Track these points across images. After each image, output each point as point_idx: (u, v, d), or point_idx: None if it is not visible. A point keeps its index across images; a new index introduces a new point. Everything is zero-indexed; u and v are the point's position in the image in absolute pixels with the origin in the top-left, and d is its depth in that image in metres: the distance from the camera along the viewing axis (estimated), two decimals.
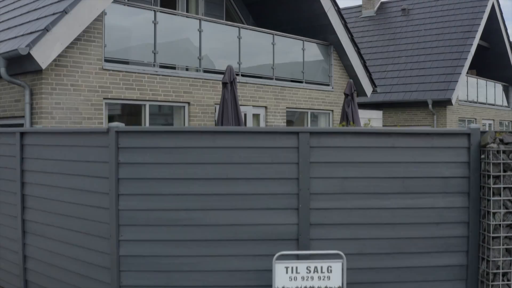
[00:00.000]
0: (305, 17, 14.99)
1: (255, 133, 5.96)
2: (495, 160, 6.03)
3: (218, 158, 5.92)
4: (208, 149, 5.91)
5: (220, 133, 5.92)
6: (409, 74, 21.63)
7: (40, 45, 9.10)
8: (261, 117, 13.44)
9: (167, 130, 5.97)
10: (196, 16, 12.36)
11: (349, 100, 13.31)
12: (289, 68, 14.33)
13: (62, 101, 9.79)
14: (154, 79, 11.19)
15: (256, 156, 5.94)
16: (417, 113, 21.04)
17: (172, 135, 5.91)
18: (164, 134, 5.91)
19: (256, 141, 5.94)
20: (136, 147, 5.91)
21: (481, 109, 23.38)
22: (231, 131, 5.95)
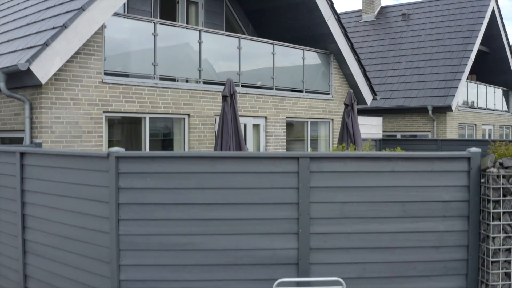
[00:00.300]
0: (305, 25, 14.98)
1: (255, 158, 5.96)
2: (495, 184, 6.03)
3: (218, 183, 5.93)
4: (208, 174, 5.92)
5: (220, 159, 5.92)
6: (409, 79, 21.63)
7: (39, 60, 9.09)
8: (261, 128, 13.44)
9: (167, 155, 5.97)
10: (196, 27, 12.35)
11: (349, 111, 13.32)
12: (289, 77, 14.32)
13: (62, 115, 9.79)
14: (154, 91, 11.19)
15: (256, 181, 5.95)
16: (417, 119, 21.04)
17: (172, 160, 5.92)
18: (164, 160, 5.92)
19: (256, 166, 5.94)
20: (136, 172, 5.92)
21: (481, 114, 23.38)
22: (231, 156, 5.96)
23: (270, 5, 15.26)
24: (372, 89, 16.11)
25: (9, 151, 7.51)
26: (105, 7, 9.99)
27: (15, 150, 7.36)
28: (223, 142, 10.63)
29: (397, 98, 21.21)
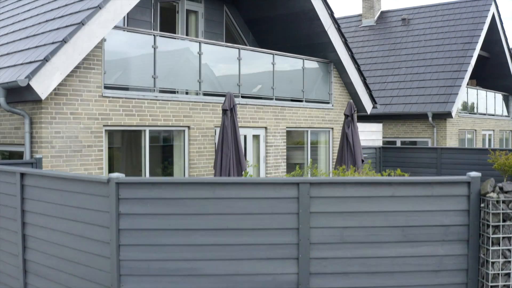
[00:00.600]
0: (305, 34, 14.98)
1: (255, 184, 5.97)
2: (495, 210, 6.04)
3: (218, 208, 5.94)
4: (208, 200, 5.92)
5: (220, 184, 5.93)
6: (409, 85, 21.63)
7: (39, 75, 9.09)
8: (261, 138, 13.44)
9: (167, 181, 5.97)
10: (196, 39, 12.35)
11: (349, 121, 13.33)
12: (289, 87, 14.32)
13: (62, 130, 9.79)
14: (154, 104, 11.19)
15: (257, 206, 5.96)
16: (417, 125, 21.05)
17: (172, 186, 5.92)
18: (164, 186, 5.92)
19: (256, 192, 5.95)
20: (137, 198, 5.92)
21: (481, 119, 23.39)
22: (231, 182, 5.96)
23: (270, 14, 15.26)
24: (372, 98, 16.11)
25: (9, 171, 7.51)
26: (105, 21, 9.99)
27: (15, 170, 7.37)
28: (223, 155, 10.64)
29: (397, 104, 21.21)
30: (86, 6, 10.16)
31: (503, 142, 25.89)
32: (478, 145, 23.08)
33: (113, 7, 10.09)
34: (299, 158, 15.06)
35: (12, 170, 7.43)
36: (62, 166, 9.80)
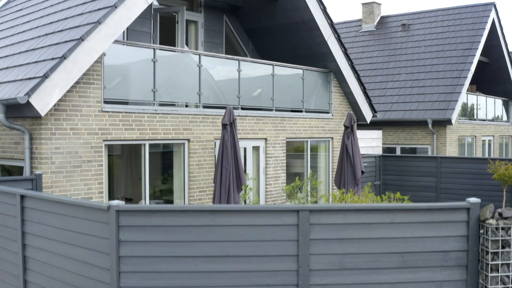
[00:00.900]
0: (305, 44, 14.98)
1: (255, 212, 5.98)
2: (494, 237, 6.05)
3: (218, 236, 5.95)
4: (208, 227, 5.94)
5: (220, 212, 5.94)
6: (409, 92, 21.64)
7: (39, 92, 9.08)
8: (261, 149, 13.45)
9: (167, 209, 5.98)
10: (195, 51, 12.35)
11: (349, 132, 13.33)
12: (289, 97, 14.32)
13: (61, 146, 9.80)
14: (154, 117, 11.20)
15: (256, 233, 5.97)
16: (417, 132, 21.05)
17: (172, 214, 5.93)
18: (164, 213, 5.93)
19: (256, 219, 5.96)
20: (137, 225, 5.93)
21: (480, 125, 23.40)
22: (230, 210, 5.97)
23: (270, 24, 15.26)
24: (372, 107, 16.12)
25: (9, 192, 7.52)
26: (105, 36, 9.98)
27: (15, 192, 7.38)
28: (223, 170, 10.65)
29: (397, 110, 21.22)
30: (85, 21, 10.16)
31: (503, 148, 25.91)
32: (478, 151, 23.10)
33: (113, 22, 10.09)
34: (299, 167, 15.06)
35: (12, 191, 7.43)
36: (62, 182, 9.81)
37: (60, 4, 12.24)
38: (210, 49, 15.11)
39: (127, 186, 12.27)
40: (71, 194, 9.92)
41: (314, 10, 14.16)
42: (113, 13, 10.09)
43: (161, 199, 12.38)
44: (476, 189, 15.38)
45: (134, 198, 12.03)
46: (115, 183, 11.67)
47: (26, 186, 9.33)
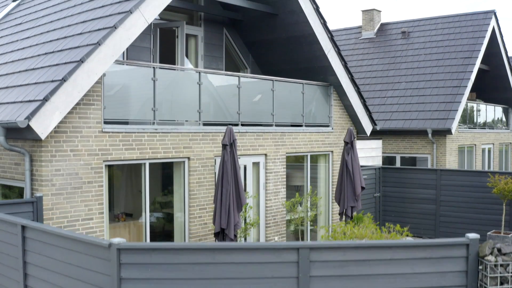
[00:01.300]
0: (305, 57, 14.98)
1: (256, 249, 5.99)
2: (492, 273, 6.07)
3: (218, 273, 5.96)
4: (208, 264, 5.95)
5: (220, 250, 5.95)
6: (409, 101, 21.65)
7: (39, 116, 9.08)
8: (261, 165, 13.46)
9: (167, 247, 5.99)
10: (196, 69, 12.36)
11: (349, 148, 13.34)
12: (289, 112, 14.33)
13: (62, 168, 9.81)
14: (154, 136, 11.20)
15: (257, 270, 5.99)
16: (417, 141, 21.07)
17: (173, 252, 5.95)
18: (165, 251, 5.95)
19: (256, 257, 5.98)
20: (138, 263, 5.95)
21: (480, 134, 23.42)
22: (231, 247, 5.99)
23: (270, 37, 15.26)
24: (372, 119, 16.12)
25: (10, 222, 7.53)
26: (105, 57, 9.98)
27: (16, 222, 7.40)
28: (223, 190, 10.66)
29: (397, 119, 21.24)
30: (85, 41, 10.16)
31: (503, 155, 25.93)
32: (478, 159, 23.12)
33: (113, 43, 10.09)
34: (299, 179, 15.06)
35: (14, 221, 7.45)
36: (63, 204, 9.82)
37: (60, 20, 12.23)
38: (210, 63, 15.12)
39: (127, 201, 12.30)
40: (71, 216, 9.94)
41: (314, 25, 14.16)
42: (113, 34, 10.09)
43: (161, 215, 12.42)
44: (475, 202, 15.41)
45: (135, 214, 12.05)
46: (115, 199, 11.70)
47: (27, 209, 9.36)
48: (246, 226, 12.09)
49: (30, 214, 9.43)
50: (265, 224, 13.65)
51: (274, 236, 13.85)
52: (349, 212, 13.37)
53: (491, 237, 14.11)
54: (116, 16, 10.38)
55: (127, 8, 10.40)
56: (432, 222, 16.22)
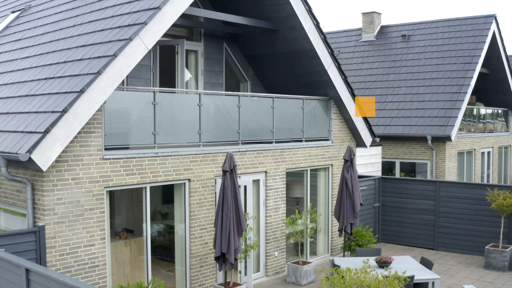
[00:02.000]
0: (305, 72, 15.00)
1: None
2: None
3: None
4: None
5: None
6: (408, 106, 21.68)
7: (40, 148, 9.13)
8: (261, 182, 13.55)
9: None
10: (196, 91, 12.39)
11: (348, 166, 13.41)
12: (289, 128, 14.37)
13: (63, 196, 9.89)
14: (155, 160, 11.27)
15: None
16: (416, 147, 21.14)
17: None
18: None
19: None
20: None
21: (480, 138, 23.47)
22: None
23: (270, 52, 15.27)
24: (372, 132, 16.19)
25: (15, 263, 7.62)
26: (105, 86, 10.00)
27: (20, 264, 7.48)
28: (223, 216, 10.76)
29: (397, 125, 21.28)
30: (85, 69, 10.19)
31: (502, 158, 26.00)
32: (477, 163, 23.20)
33: (112, 72, 10.11)
34: (299, 191, 15.15)
35: (18, 263, 7.54)
36: (65, 231, 9.91)
37: (60, 41, 12.25)
38: (210, 77, 15.15)
39: (128, 216, 12.39)
40: (73, 243, 10.04)
41: (315, 41, 14.16)
42: (113, 63, 10.10)
43: (162, 235, 12.53)
44: (474, 214, 15.50)
45: (136, 230, 12.14)
46: (116, 214, 11.81)
47: (29, 239, 9.46)
48: (247, 247, 12.19)
49: (33, 244, 9.54)
50: (265, 240, 13.76)
51: (274, 251, 13.97)
52: (349, 229, 13.48)
53: (489, 251, 14.22)
54: (116, 43, 10.39)
55: (127, 35, 10.41)
56: (431, 233, 16.32)
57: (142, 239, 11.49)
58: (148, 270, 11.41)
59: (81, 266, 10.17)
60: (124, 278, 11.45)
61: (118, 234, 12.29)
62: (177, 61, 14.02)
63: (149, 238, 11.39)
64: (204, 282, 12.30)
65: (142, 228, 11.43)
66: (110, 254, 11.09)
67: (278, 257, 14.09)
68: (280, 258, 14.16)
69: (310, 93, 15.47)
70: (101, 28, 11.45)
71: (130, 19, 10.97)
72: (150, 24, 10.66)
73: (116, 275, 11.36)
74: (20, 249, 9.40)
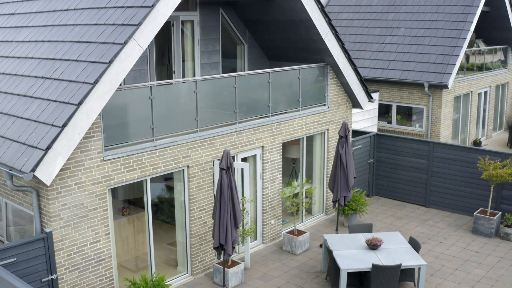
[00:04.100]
0: (302, 39, 14.88)
1: None
2: None
3: None
4: None
5: None
6: (407, 49, 21.52)
7: (42, 164, 9.40)
8: (258, 157, 13.90)
9: None
10: (192, 78, 12.38)
11: (343, 142, 13.72)
12: (286, 99, 14.49)
13: (68, 202, 10.30)
14: (154, 153, 11.57)
15: None
16: (413, 92, 21.24)
17: None
18: None
19: None
20: None
21: (477, 80, 23.45)
22: None
23: (267, 18, 15.05)
24: (368, 94, 16.29)
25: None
26: (102, 93, 10.08)
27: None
28: (221, 210, 11.25)
29: (394, 69, 21.25)
30: (82, 76, 10.16)
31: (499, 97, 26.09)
32: (474, 104, 23.36)
33: (109, 78, 10.14)
34: (295, 152, 15.52)
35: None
36: (71, 233, 10.44)
37: (55, 28, 12.12)
38: (207, 46, 15.05)
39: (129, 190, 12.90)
40: (80, 242, 10.59)
41: (312, 11, 13.94)
42: (109, 69, 10.11)
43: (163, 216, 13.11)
44: (465, 177, 15.97)
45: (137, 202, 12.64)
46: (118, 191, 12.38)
47: (38, 245, 10.01)
48: (244, 232, 12.79)
49: (42, 249, 10.10)
50: (262, 211, 14.35)
51: (270, 219, 14.60)
52: (342, 202, 14.03)
53: (477, 218, 14.86)
54: (111, 48, 10.31)
55: (122, 39, 10.33)
56: (423, 191, 16.90)
57: (144, 214, 11.99)
58: (150, 243, 12.05)
59: (88, 262, 10.80)
60: (128, 252, 12.12)
61: (121, 211, 12.87)
62: (173, 33, 13.89)
63: (151, 218, 11.92)
64: (204, 258, 13.02)
65: (144, 212, 11.93)
66: (115, 248, 11.68)
67: (274, 225, 14.75)
68: (277, 225, 14.83)
69: (307, 58, 15.44)
70: (95, 21, 11.31)
71: (124, 16, 10.81)
72: (144, 24, 10.55)
73: (121, 249, 12.13)
74: (31, 256, 9.98)
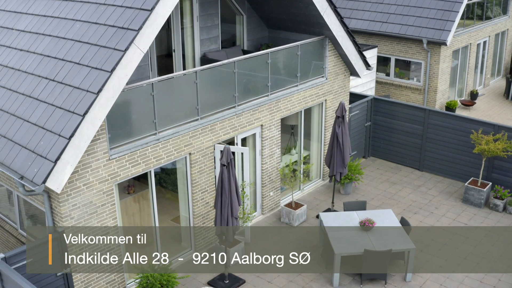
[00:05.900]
0: (301, 13, 14.85)
1: None
2: None
3: None
4: None
5: None
6: (407, 2, 21.28)
7: (52, 175, 9.87)
8: (257, 135, 14.32)
9: None
10: (192, 70, 12.55)
11: (340, 122, 14.09)
12: (284, 76, 14.69)
13: (77, 202, 10.86)
14: (157, 146, 12.00)
15: None
16: (412, 46, 21.25)
17: None
18: None
19: None
20: None
21: (476, 31, 23.30)
22: None
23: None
24: (366, 63, 16.44)
25: None
26: (105, 101, 10.34)
27: None
28: (222, 202, 11.84)
29: (393, 23, 21.17)
30: (85, 84, 10.33)
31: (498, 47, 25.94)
32: (472, 56, 23.36)
33: (111, 85, 10.38)
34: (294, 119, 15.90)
35: None
36: (82, 229, 11.09)
37: (54, 21, 12.16)
38: (206, 22, 15.06)
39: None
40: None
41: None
42: (111, 77, 10.36)
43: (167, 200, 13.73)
44: (459, 145, 16.40)
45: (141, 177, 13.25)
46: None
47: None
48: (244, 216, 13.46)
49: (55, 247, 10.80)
50: (261, 184, 14.96)
51: (269, 192, 15.24)
52: (338, 177, 14.60)
53: (468, 189, 15.50)
54: (112, 54, 10.49)
55: (122, 45, 10.48)
56: (417, 155, 17.42)
57: (148, 191, 12.53)
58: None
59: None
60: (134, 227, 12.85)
61: (127, 189, 13.50)
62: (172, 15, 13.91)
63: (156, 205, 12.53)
64: (206, 235, 13.77)
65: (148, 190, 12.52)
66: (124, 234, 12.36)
67: (273, 196, 15.41)
68: (275, 197, 15.49)
69: (305, 30, 15.48)
70: (95, 19, 11.39)
71: (124, 18, 10.88)
72: (144, 28, 10.67)
73: (127, 222, 12.89)
74: (44, 255, 10.69)
